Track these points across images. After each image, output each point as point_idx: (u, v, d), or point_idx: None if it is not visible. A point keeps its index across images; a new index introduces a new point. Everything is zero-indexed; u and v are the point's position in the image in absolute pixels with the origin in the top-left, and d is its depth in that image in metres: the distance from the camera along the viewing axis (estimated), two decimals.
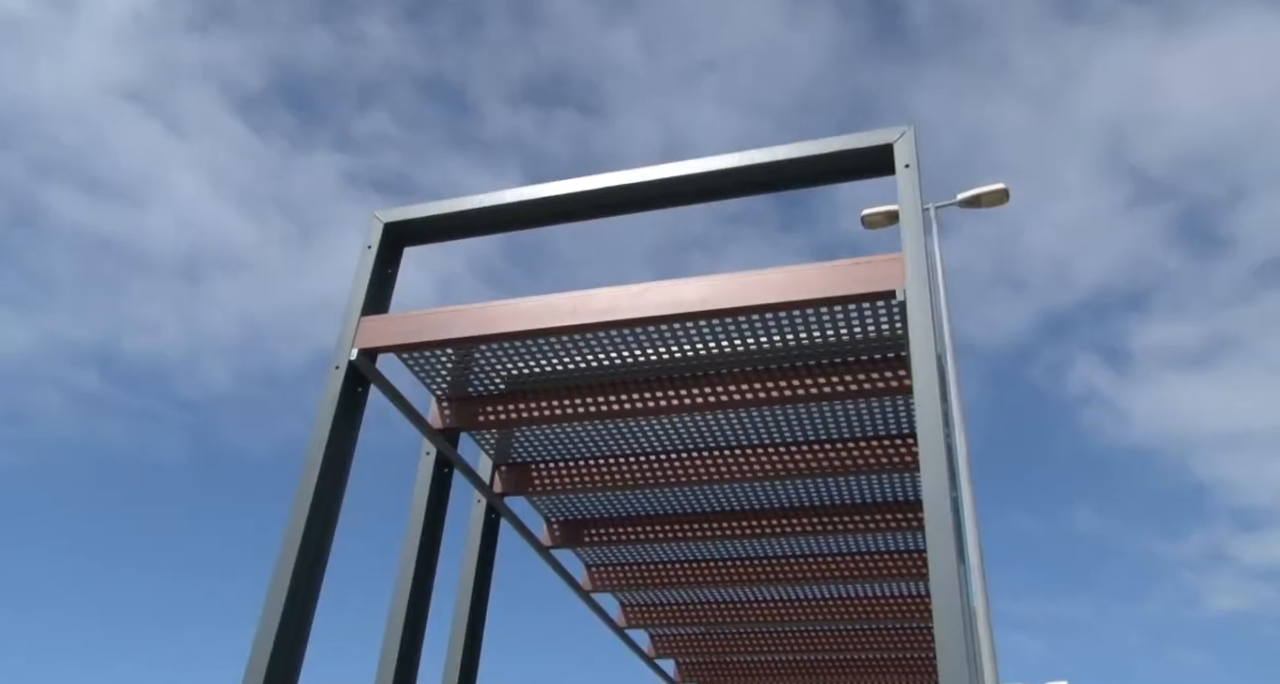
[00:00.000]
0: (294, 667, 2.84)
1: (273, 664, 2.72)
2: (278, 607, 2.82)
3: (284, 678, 2.79)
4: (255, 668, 2.71)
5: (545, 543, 4.69)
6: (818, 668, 6.23)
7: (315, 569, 2.99)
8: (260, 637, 2.77)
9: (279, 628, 2.78)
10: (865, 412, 3.66)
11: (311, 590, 2.95)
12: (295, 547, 2.93)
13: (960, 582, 2.73)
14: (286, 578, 2.87)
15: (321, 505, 3.05)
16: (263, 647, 2.74)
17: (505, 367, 3.64)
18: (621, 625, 5.59)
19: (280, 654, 2.76)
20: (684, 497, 4.39)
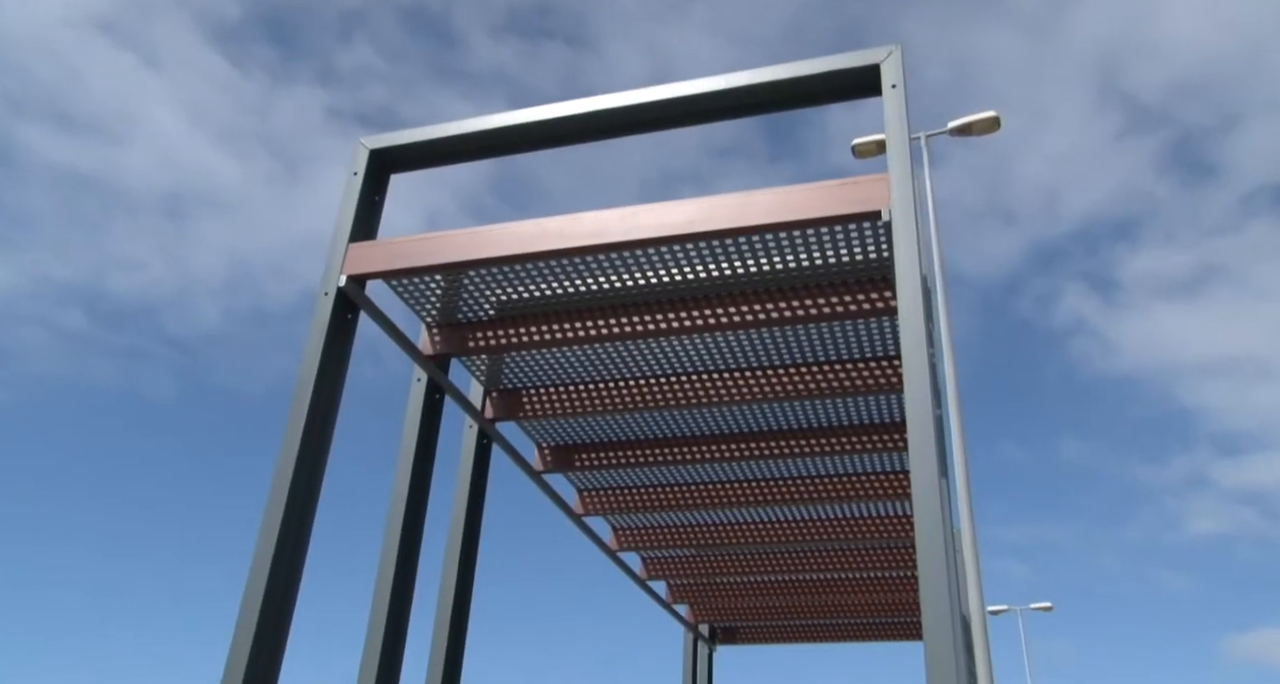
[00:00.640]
0: (290, 595, 2.90)
1: (269, 592, 2.77)
2: (273, 534, 2.86)
3: (280, 606, 2.85)
4: (251, 598, 2.76)
5: (537, 468, 4.76)
6: (806, 587, 6.39)
7: (309, 496, 3.03)
8: (256, 566, 2.82)
9: (274, 556, 2.83)
10: (852, 333, 3.70)
11: (306, 518, 3.00)
12: (289, 474, 2.97)
13: (942, 497, 2.79)
14: (281, 504, 2.91)
15: (314, 432, 3.08)
16: (258, 575, 2.79)
17: (495, 292, 3.66)
18: (613, 548, 5.72)
19: (276, 582, 2.81)
20: (673, 420, 4.45)
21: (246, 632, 2.68)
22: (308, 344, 3.22)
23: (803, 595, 6.46)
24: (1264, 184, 65.41)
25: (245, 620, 2.70)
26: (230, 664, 2.64)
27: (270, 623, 2.75)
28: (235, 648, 2.66)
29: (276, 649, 2.77)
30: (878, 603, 6.53)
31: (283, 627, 2.81)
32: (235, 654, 2.65)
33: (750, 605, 6.78)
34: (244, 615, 2.71)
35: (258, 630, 2.69)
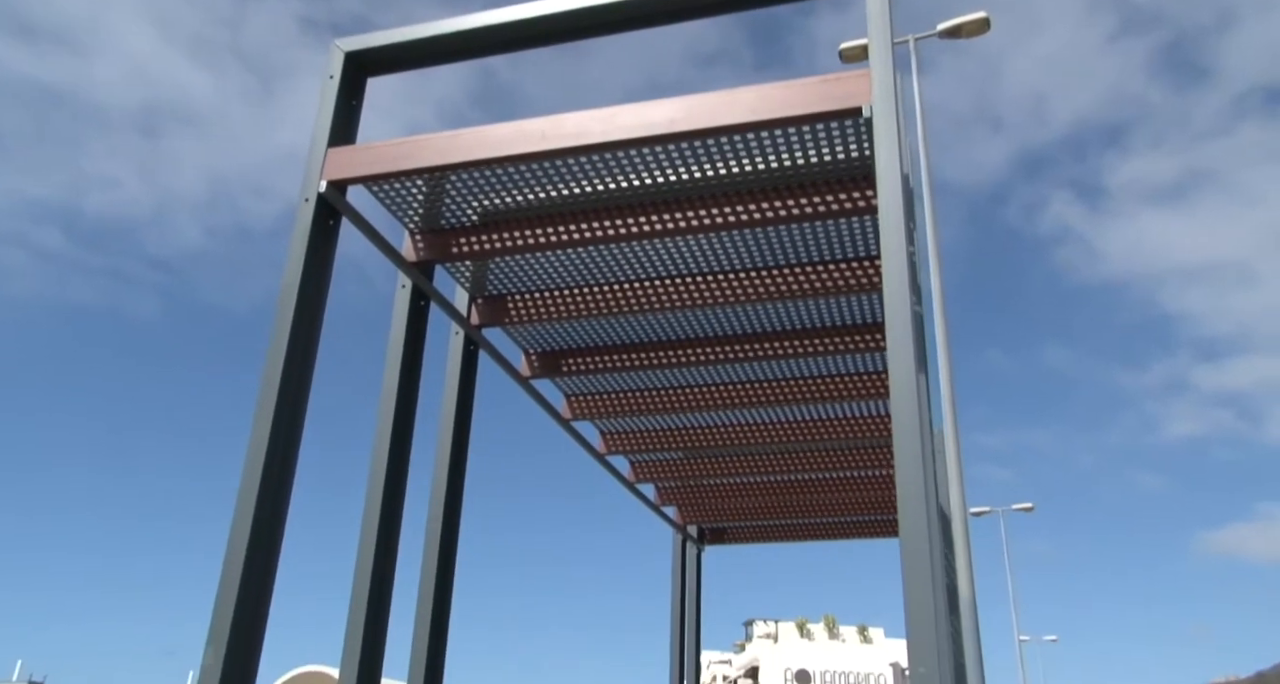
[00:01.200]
0: (280, 506, 2.95)
1: (261, 502, 2.81)
2: (263, 440, 2.90)
3: (272, 516, 2.90)
4: (244, 506, 2.80)
5: (524, 374, 4.82)
6: (790, 487, 6.55)
7: (297, 403, 3.06)
8: (247, 475, 2.85)
9: (265, 463, 2.86)
10: (834, 233, 3.71)
11: (295, 423, 3.04)
12: (276, 381, 2.99)
13: (919, 392, 2.85)
14: (270, 408, 2.94)
15: (299, 339, 3.10)
16: (249, 486, 2.82)
17: (478, 198, 3.65)
18: (602, 452, 5.83)
19: (267, 492, 2.85)
20: (658, 324, 4.49)
21: (239, 546, 2.73)
22: (290, 251, 3.21)
23: (787, 495, 6.62)
24: (1256, 85, 64.36)
25: (237, 533, 2.75)
26: (224, 579, 2.71)
27: (262, 537, 2.80)
28: (228, 563, 2.72)
29: (268, 564, 2.83)
30: (860, 502, 6.70)
31: (274, 541, 2.86)
32: (228, 569, 2.71)
33: (736, 506, 6.96)
34: (236, 529, 2.76)
35: (250, 543, 2.74)
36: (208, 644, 2.57)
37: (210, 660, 2.54)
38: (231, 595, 2.61)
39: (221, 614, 2.58)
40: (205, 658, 2.55)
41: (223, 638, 2.54)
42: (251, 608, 2.65)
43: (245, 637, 2.60)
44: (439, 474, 4.14)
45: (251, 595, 2.66)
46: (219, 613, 2.58)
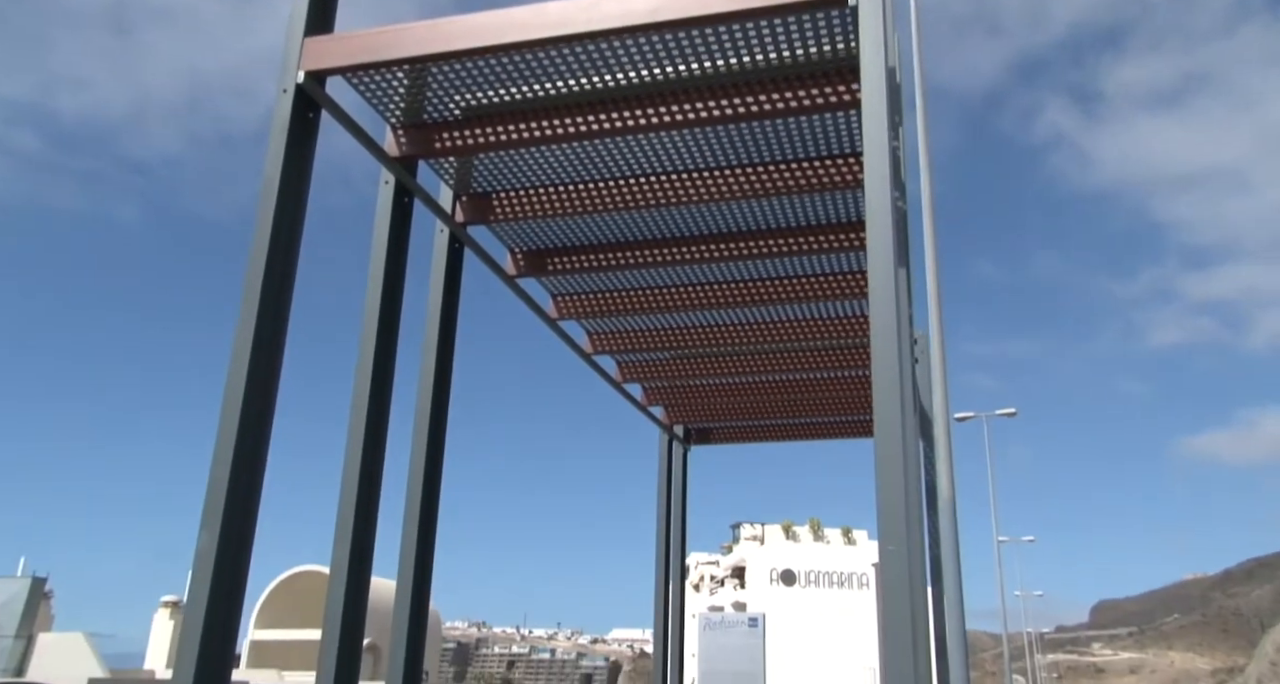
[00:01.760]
0: (270, 390, 2.99)
1: (250, 389, 2.85)
2: (250, 327, 2.92)
3: (260, 405, 2.94)
4: (232, 394, 2.83)
5: (510, 272, 4.82)
6: (774, 388, 6.64)
7: (282, 296, 3.06)
8: (235, 359, 2.88)
9: (253, 349, 2.89)
10: (819, 128, 3.68)
11: (281, 314, 3.05)
12: (259, 278, 2.98)
13: (898, 285, 2.88)
14: (255, 302, 2.95)
15: (282, 229, 3.09)
16: (238, 370, 2.85)
17: (460, 92, 3.59)
18: (589, 352, 5.89)
19: (256, 379, 2.88)
20: (643, 222, 4.48)
21: (229, 434, 2.77)
22: (269, 144, 3.18)
23: (771, 395, 6.72)
24: None
25: (226, 421, 2.79)
26: (215, 465, 2.76)
27: (250, 425, 2.85)
28: (219, 448, 2.77)
29: (258, 451, 2.89)
30: (842, 402, 6.81)
31: (263, 431, 2.91)
32: (219, 455, 2.76)
33: (722, 406, 7.06)
34: (225, 418, 2.80)
35: (239, 431, 2.79)
36: (201, 529, 2.65)
37: (204, 544, 2.62)
38: (222, 481, 2.67)
39: (213, 500, 2.65)
40: (200, 542, 2.64)
41: (215, 522, 2.62)
42: (242, 493, 2.72)
43: (238, 521, 2.68)
44: (425, 372, 4.17)
45: (242, 481, 2.72)
46: (211, 498, 2.65)
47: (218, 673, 2.65)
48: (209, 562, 2.59)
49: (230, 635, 2.69)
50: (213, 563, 2.58)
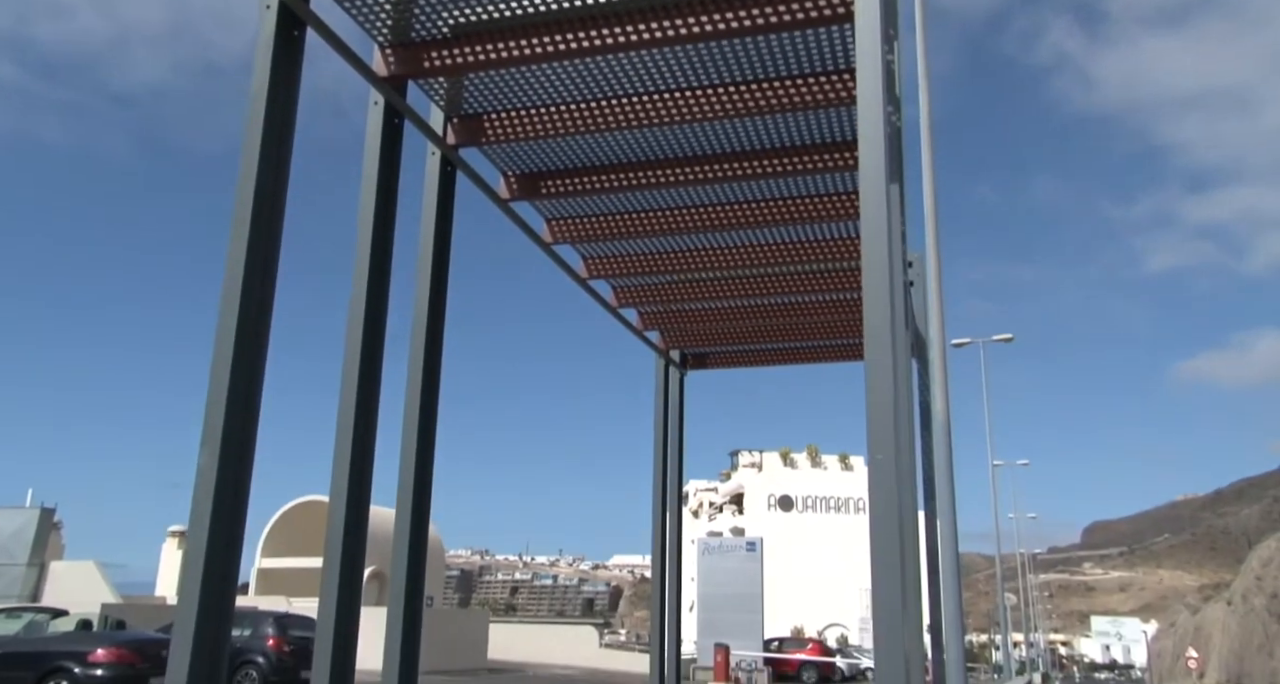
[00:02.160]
0: (265, 310, 3.00)
1: (244, 310, 2.85)
2: (242, 246, 2.92)
3: (255, 327, 2.95)
4: (226, 315, 2.83)
5: (503, 196, 4.80)
6: (769, 311, 6.65)
7: (274, 211, 3.05)
8: (229, 278, 2.88)
9: (245, 271, 2.89)
10: (813, 43, 3.63)
11: (273, 235, 3.04)
12: (250, 197, 2.97)
13: (890, 203, 2.87)
14: (246, 223, 2.94)
15: (270, 154, 3.06)
16: (232, 288, 2.85)
17: (449, 8, 3.52)
18: (584, 277, 5.88)
19: (251, 295, 2.88)
20: (636, 142, 4.43)
21: (225, 353, 2.79)
22: (255, 64, 3.12)
23: (765, 319, 6.73)
24: None
25: (222, 341, 2.81)
26: (212, 384, 2.78)
27: (246, 345, 2.86)
28: (215, 367, 2.79)
29: (254, 370, 2.91)
30: (836, 324, 6.83)
31: (259, 348, 2.93)
32: (216, 374, 2.78)
33: (717, 330, 7.09)
34: (220, 337, 2.82)
35: (235, 350, 2.81)
36: (202, 447, 2.69)
37: (205, 461, 2.66)
38: (220, 401, 2.70)
39: (212, 419, 2.68)
40: (200, 459, 2.68)
41: (215, 440, 2.65)
42: (240, 412, 2.75)
43: (237, 439, 2.72)
44: (420, 298, 4.18)
45: (239, 400, 2.75)
46: (210, 417, 2.69)
47: (223, 586, 2.72)
48: (210, 479, 2.63)
49: (233, 550, 2.75)
50: (214, 480, 2.63)
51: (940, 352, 10.19)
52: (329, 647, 3.28)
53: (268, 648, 15.85)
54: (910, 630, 2.57)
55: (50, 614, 13.54)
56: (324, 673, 3.27)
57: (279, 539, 33.00)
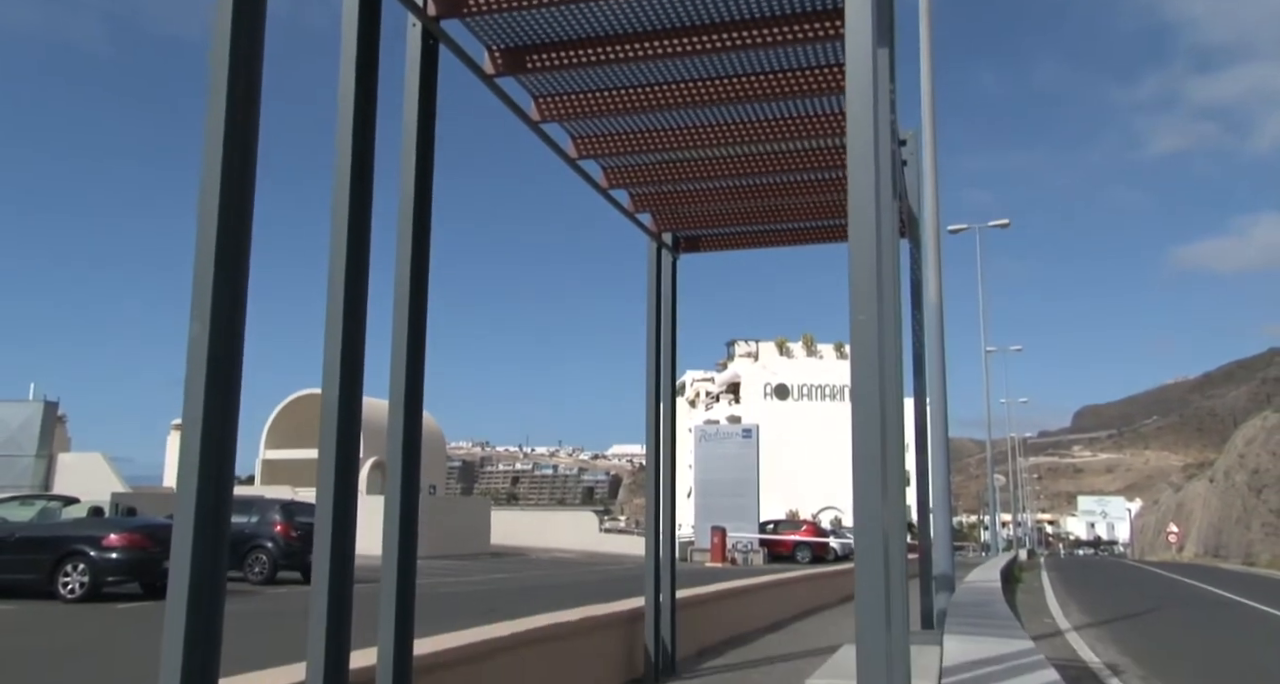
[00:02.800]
0: (248, 175, 2.96)
1: (226, 175, 2.81)
2: (220, 113, 2.86)
3: (240, 195, 2.91)
4: (209, 183, 2.79)
5: (489, 71, 4.69)
6: (761, 191, 6.59)
7: (251, 75, 2.98)
8: (210, 138, 2.84)
9: (225, 142, 2.83)
10: None
11: (250, 101, 2.98)
12: (225, 68, 2.89)
13: (876, 69, 2.82)
14: (222, 99, 2.87)
15: (243, 22, 2.98)
16: (213, 150, 2.81)
17: None
18: (573, 156, 5.81)
19: (232, 158, 2.84)
20: (624, 12, 4.30)
21: (209, 227, 2.76)
22: None
23: (758, 199, 6.68)
24: None
25: (205, 213, 2.78)
26: (199, 255, 2.77)
27: (231, 214, 2.84)
28: (201, 238, 2.78)
29: (241, 240, 2.89)
30: (831, 204, 6.78)
31: (244, 217, 2.91)
32: (202, 245, 2.77)
33: (708, 212, 7.04)
34: (203, 208, 2.78)
35: (220, 222, 2.78)
36: (192, 320, 2.70)
37: (196, 333, 2.68)
38: (208, 273, 2.70)
39: (200, 290, 2.69)
40: (191, 332, 2.70)
41: (205, 312, 2.67)
42: (229, 283, 2.75)
43: (226, 310, 2.73)
44: (406, 181, 4.13)
45: (227, 271, 2.75)
46: (198, 289, 2.69)
47: (220, 461, 2.77)
48: (202, 350, 2.66)
49: (230, 423, 2.80)
50: (206, 351, 2.65)
51: (934, 232, 10.18)
52: (328, 532, 3.38)
53: (276, 533, 16.33)
54: (891, 506, 2.64)
55: (62, 502, 13.89)
56: (324, 558, 3.37)
57: (282, 431, 33.56)
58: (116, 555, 12.17)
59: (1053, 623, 13.72)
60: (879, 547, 2.53)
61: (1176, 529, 63.49)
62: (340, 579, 3.40)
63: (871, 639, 2.50)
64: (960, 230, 27.72)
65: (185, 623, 2.68)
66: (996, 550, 45.98)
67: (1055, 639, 11.62)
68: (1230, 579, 28.89)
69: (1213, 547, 55.40)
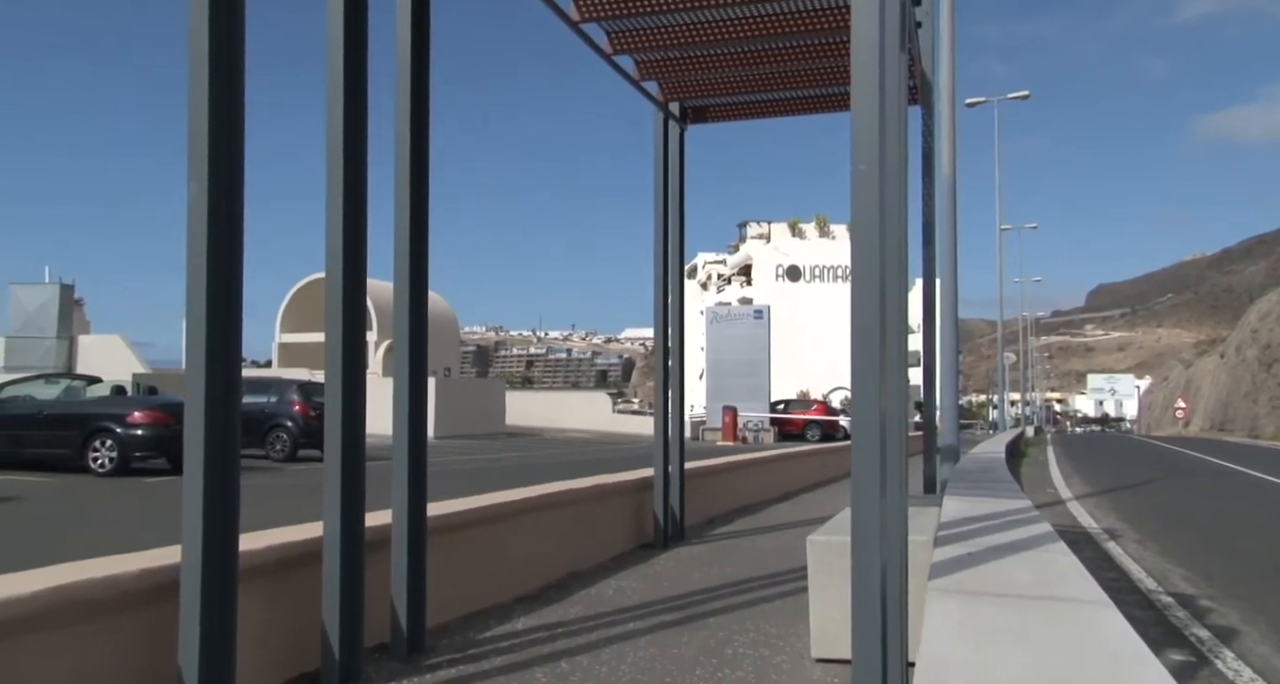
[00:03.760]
0: (236, 35, 2.90)
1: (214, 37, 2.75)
2: None
3: (230, 56, 2.86)
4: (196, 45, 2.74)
5: None
6: (769, 56, 6.40)
7: None
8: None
9: None
10: None
11: None
12: None
13: None
14: None
15: None
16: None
17: None
18: (576, 20, 5.64)
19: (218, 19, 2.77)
20: None
21: (200, 95, 2.72)
22: None
23: (767, 64, 6.49)
24: None
25: (196, 84, 2.73)
26: (192, 111, 2.74)
27: (222, 84, 2.79)
28: (192, 92, 2.74)
29: (234, 95, 2.85)
30: (842, 69, 6.59)
31: (236, 92, 2.86)
32: (194, 101, 2.73)
33: (716, 79, 6.86)
34: (194, 81, 2.74)
35: (211, 91, 2.74)
36: (189, 180, 2.69)
37: (195, 193, 2.68)
38: (202, 133, 2.68)
39: (196, 149, 2.67)
40: (190, 192, 2.69)
41: (201, 170, 2.66)
42: (224, 142, 2.73)
43: (224, 169, 2.72)
44: (401, 50, 4.04)
45: (221, 131, 2.72)
46: (194, 148, 2.67)
47: (227, 320, 2.81)
48: (202, 209, 2.66)
49: (234, 285, 2.83)
50: (205, 210, 2.66)
51: (949, 101, 9.92)
52: (339, 411, 3.44)
53: (295, 413, 16.69)
54: (893, 380, 2.63)
55: (85, 381, 14.18)
56: (335, 436, 3.44)
57: (296, 315, 33.86)
58: (142, 432, 12.51)
59: (1055, 493, 14.05)
60: (874, 396, 2.55)
61: (1184, 405, 64.10)
62: (351, 433, 3.49)
63: (866, 498, 2.54)
64: (978, 103, 27.02)
65: (204, 479, 2.77)
66: (1004, 428, 46.62)
67: (1056, 507, 11.92)
68: (1233, 451, 29.38)
69: (1219, 421, 56.03)
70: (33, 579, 2.58)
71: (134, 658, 2.81)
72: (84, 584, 2.61)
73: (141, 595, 2.82)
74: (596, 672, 3.83)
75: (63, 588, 2.55)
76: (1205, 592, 6.36)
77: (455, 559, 4.65)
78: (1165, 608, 5.80)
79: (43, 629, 2.50)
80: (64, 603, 2.54)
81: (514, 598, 5.18)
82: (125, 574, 2.76)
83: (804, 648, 4.20)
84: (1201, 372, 71.02)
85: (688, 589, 5.62)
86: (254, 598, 3.22)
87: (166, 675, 2.85)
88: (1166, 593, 6.27)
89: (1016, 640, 1.96)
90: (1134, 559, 7.72)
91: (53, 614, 2.51)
